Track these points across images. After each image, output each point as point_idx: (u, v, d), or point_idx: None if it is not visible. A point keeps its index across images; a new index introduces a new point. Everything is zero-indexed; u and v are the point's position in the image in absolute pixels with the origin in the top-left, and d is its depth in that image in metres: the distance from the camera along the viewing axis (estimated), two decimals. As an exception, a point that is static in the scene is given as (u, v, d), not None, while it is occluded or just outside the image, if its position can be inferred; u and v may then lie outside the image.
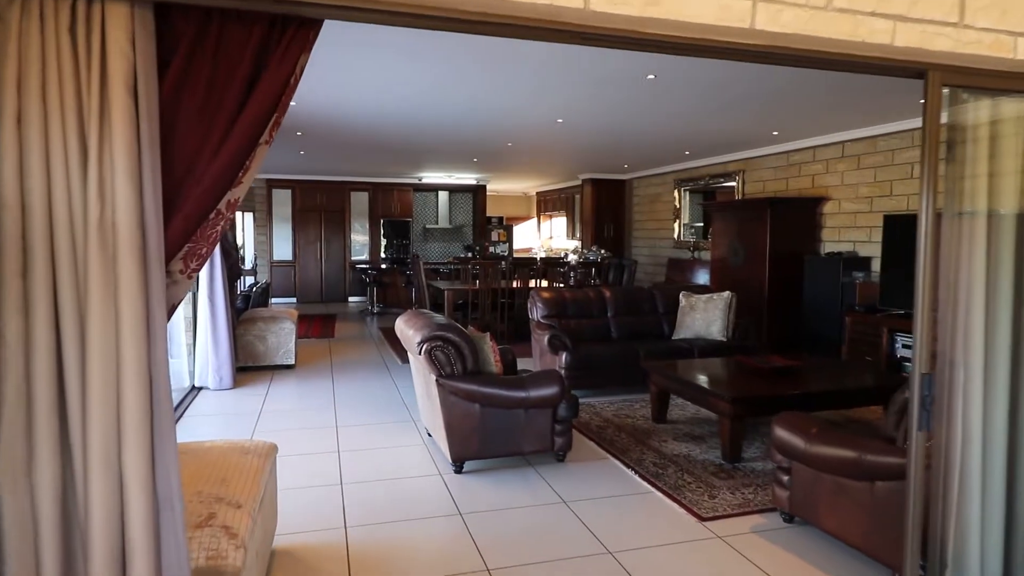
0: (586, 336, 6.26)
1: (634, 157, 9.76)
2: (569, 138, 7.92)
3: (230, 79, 1.49)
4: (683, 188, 10.51)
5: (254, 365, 6.76)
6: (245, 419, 5.13)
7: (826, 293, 7.05)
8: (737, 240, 8.00)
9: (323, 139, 8.11)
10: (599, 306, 6.51)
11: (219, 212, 1.55)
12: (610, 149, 8.87)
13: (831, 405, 4.54)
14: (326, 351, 7.97)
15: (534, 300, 6.37)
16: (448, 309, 8.23)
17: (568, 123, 6.81)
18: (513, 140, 8.12)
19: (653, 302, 6.71)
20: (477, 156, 9.77)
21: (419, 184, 13.75)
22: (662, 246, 11.12)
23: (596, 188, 12.31)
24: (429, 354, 3.80)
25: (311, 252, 13.32)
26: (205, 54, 1.47)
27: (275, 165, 11.48)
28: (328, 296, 13.41)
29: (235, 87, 1.50)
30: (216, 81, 1.49)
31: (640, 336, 6.44)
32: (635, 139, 7.94)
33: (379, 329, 9.74)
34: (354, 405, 5.54)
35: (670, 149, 8.77)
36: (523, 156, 9.81)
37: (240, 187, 1.58)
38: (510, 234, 15.09)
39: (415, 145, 8.62)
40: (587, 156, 9.80)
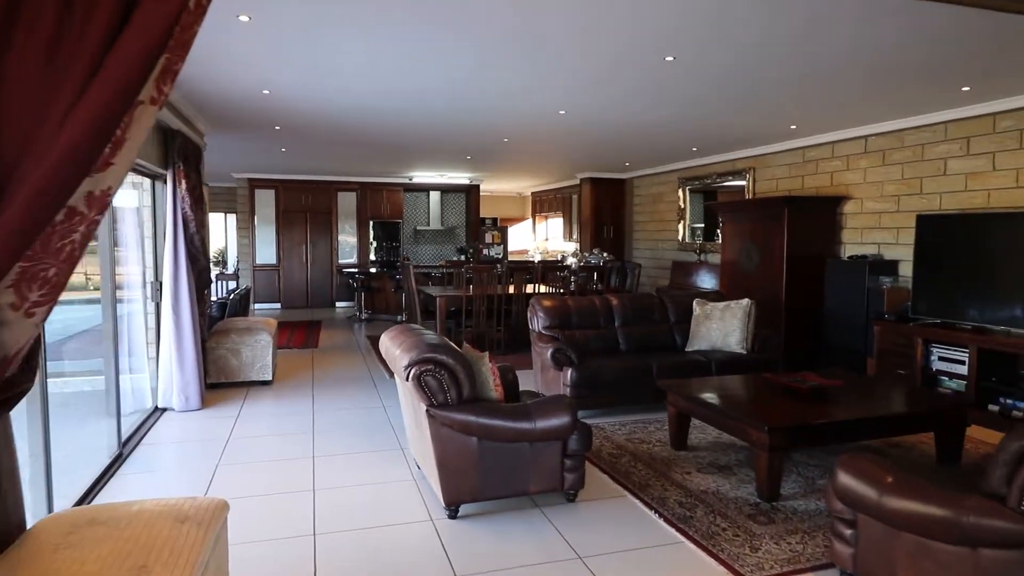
0: (592, 349, 5.70)
1: (637, 154, 9.21)
2: (570, 133, 7.36)
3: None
4: (687, 187, 9.96)
5: (227, 382, 6.15)
6: (209, 448, 4.52)
7: (850, 300, 6.51)
8: (750, 242, 7.45)
9: (304, 134, 7.51)
10: (606, 315, 5.95)
11: (74, 211, 0.98)
12: (613, 145, 8.31)
13: (879, 433, 4.00)
14: (308, 364, 7.36)
15: (535, 310, 5.80)
16: (440, 317, 7.65)
17: (571, 115, 6.24)
18: (510, 135, 7.55)
19: (664, 311, 6.15)
20: (471, 153, 9.20)
21: (410, 184, 13.16)
22: (665, 248, 10.58)
23: (595, 188, 11.76)
24: (418, 380, 3.22)
25: (296, 255, 12.70)
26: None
27: (257, 163, 10.86)
28: (314, 302, 12.79)
29: (100, 10, 0.93)
30: (65, 0, 0.91)
31: (651, 348, 5.88)
32: (641, 133, 7.38)
33: (367, 338, 9.14)
34: (335, 429, 4.94)
35: (677, 145, 8.22)
36: (519, 154, 9.24)
37: (109, 172, 1.00)
38: (504, 236, 14.51)
39: (404, 141, 8.03)
40: (587, 153, 9.24)
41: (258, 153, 9.41)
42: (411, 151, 9.06)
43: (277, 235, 12.58)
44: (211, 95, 5.40)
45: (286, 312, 12.10)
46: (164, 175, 5.28)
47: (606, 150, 8.82)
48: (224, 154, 9.41)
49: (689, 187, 9.93)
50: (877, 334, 5.96)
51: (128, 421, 4.93)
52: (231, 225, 15.04)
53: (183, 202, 5.23)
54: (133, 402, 5.38)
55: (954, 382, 5.35)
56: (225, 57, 4.34)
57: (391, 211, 13.16)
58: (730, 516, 3.41)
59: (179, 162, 5.17)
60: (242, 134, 7.56)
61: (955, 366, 5.33)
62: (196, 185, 5.57)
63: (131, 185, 5.42)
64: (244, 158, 10.07)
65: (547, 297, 5.96)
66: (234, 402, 5.68)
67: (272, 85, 5.11)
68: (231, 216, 14.86)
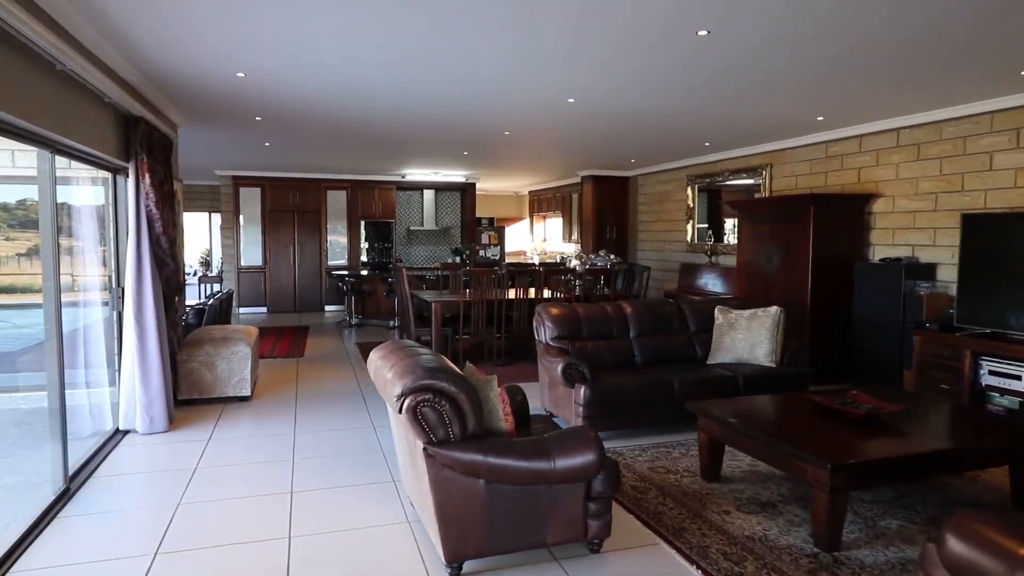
0: (605, 362, 5.14)
1: (645, 150, 8.66)
2: (576, 125, 6.80)
3: None
4: (697, 185, 9.43)
5: (200, 398, 5.56)
6: (173, 481, 3.93)
7: (883, 306, 5.98)
8: (771, 244, 6.92)
9: (288, 126, 6.92)
10: (620, 325, 5.39)
11: None
12: (620, 139, 7.76)
13: (952, 469, 3.46)
14: (292, 376, 6.77)
15: (542, 319, 5.23)
16: (436, 324, 7.07)
17: (580, 104, 5.69)
18: (512, 127, 6.98)
19: (683, 319, 5.60)
20: (468, 148, 8.62)
21: (403, 182, 12.58)
22: (672, 250, 10.04)
23: (597, 186, 11.20)
24: (414, 412, 2.65)
25: (283, 257, 12.10)
26: None
27: (241, 160, 10.25)
28: (302, 305, 12.19)
29: None
30: None
31: (669, 361, 5.33)
32: (653, 126, 6.83)
33: (357, 346, 8.55)
34: (318, 457, 4.36)
35: (690, 139, 7.67)
36: (520, 148, 8.68)
37: None
38: (502, 236, 13.95)
39: (397, 134, 7.45)
40: (591, 149, 8.69)
41: (241, 148, 8.81)
42: (404, 146, 8.48)
43: (263, 236, 11.97)
44: (179, 79, 4.81)
45: (272, 317, 11.49)
46: (126, 168, 4.68)
47: (612, 145, 8.27)
48: (205, 149, 8.80)
49: (698, 185, 9.40)
50: (917, 344, 5.42)
51: (83, 447, 4.33)
52: (215, 225, 14.42)
53: (147, 198, 4.63)
54: (92, 423, 4.78)
55: (1007, 399, 4.83)
56: (192, 37, 3.76)
57: (383, 210, 12.57)
58: (785, 571, 2.86)
59: (142, 153, 4.58)
60: (220, 127, 6.96)
61: (1009, 382, 4.80)
62: (164, 180, 4.98)
63: (90, 180, 4.82)
64: (227, 154, 9.46)
65: (555, 304, 5.39)
66: (207, 422, 5.09)
67: (247, 68, 4.53)
68: (215, 215, 14.24)
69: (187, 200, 13.73)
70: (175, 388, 5.45)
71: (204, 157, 9.84)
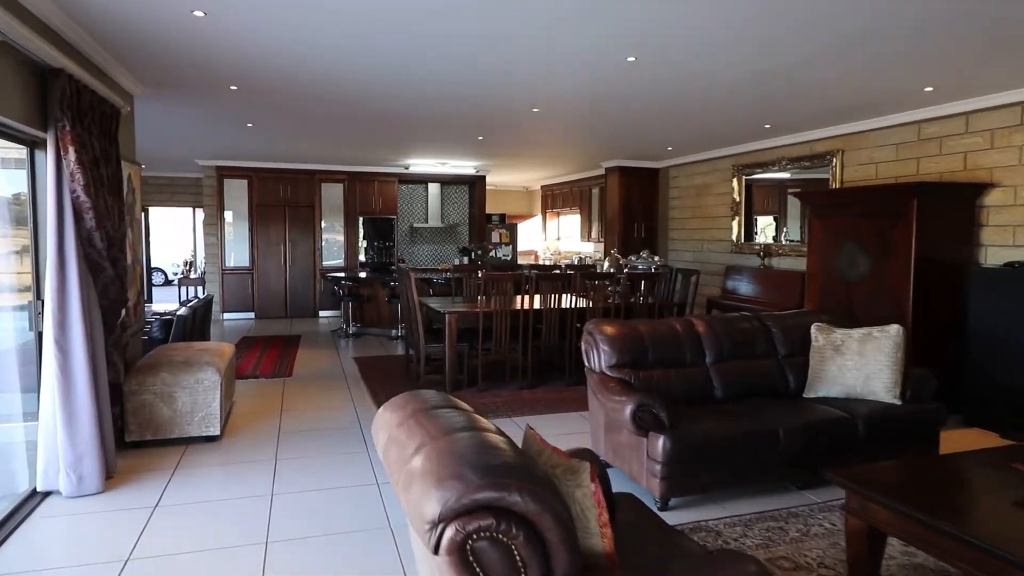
0: (677, 395, 3.96)
1: (687, 134, 7.47)
2: (618, 99, 5.62)
3: None
4: (744, 176, 8.24)
5: (155, 439, 4.36)
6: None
7: (1010, 323, 4.80)
8: (854, 244, 5.73)
9: (271, 99, 5.72)
10: (693, 348, 4.20)
11: None
12: (661, 120, 6.56)
13: None
14: (276, 402, 5.57)
15: (595, 341, 4.04)
16: (450, 339, 5.87)
17: (643, 63, 4.48)
18: (544, 102, 5.78)
19: (769, 339, 4.41)
20: (485, 131, 7.41)
21: (406, 174, 11.38)
22: (714, 250, 8.85)
23: (625, 178, 10.02)
24: (464, 553, 1.46)
25: (273, 257, 10.89)
26: None
27: (225, 148, 9.05)
28: (294, 310, 10.98)
29: None
30: None
31: (756, 394, 4.16)
32: (713, 98, 5.63)
33: (355, 361, 7.35)
34: (301, 539, 3.17)
35: (749, 119, 6.47)
36: (543, 132, 7.48)
37: None
38: (514, 235, 12.75)
39: (403, 112, 6.25)
40: (624, 134, 7.50)
41: (222, 132, 7.60)
42: (411, 128, 7.28)
43: (251, 233, 10.76)
44: (116, 17, 3.61)
45: (260, 324, 10.28)
46: (44, 140, 3.48)
47: (648, 129, 7.08)
48: (180, 132, 7.59)
49: (746, 176, 8.21)
50: (1070, 373, 4.25)
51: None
52: (198, 222, 13.21)
53: (72, 181, 3.43)
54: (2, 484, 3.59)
55: None
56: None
57: (384, 205, 11.37)
58: None
59: (63, 120, 3.37)
60: (190, 99, 5.75)
61: None
62: (102, 159, 3.78)
63: (2, 157, 3.62)
64: (207, 139, 8.25)
65: (610, 322, 4.19)
66: (158, 475, 3.89)
67: (224, 27, 3.34)
68: (198, 211, 13.04)
69: (169, 194, 12.53)
70: (122, 427, 4.26)
71: (182, 144, 8.64)
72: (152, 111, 6.18)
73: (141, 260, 5.14)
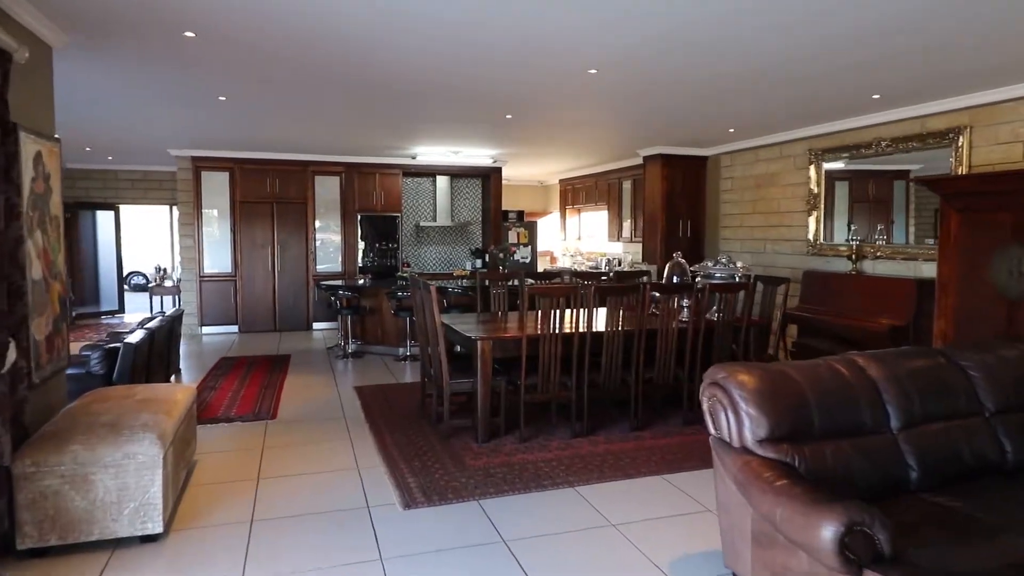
0: (858, 483, 2.56)
1: (762, 109, 6.07)
2: (713, 49, 4.21)
3: None
4: (823, 162, 6.84)
5: (64, 544, 2.93)
6: None
7: None
8: (1018, 247, 4.33)
9: (243, 57, 4.29)
10: (871, 403, 2.79)
11: None
12: (743, 88, 5.16)
13: None
14: (252, 462, 4.14)
15: (730, 398, 2.63)
16: (483, 372, 4.45)
17: (740, 8, 3.09)
18: (604, 62, 4.36)
19: (968, 386, 3.01)
20: (516, 107, 5.98)
21: (411, 165, 9.95)
22: (781, 252, 7.45)
23: (668, 168, 8.62)
24: None
25: (259, 261, 9.45)
26: None
27: (200, 134, 7.63)
28: (284, 322, 9.55)
29: None
30: None
31: (965, 476, 2.76)
32: (802, 63, 4.23)
33: (356, 391, 5.91)
34: None
35: (846, 88, 5.07)
36: (589, 106, 6.07)
37: None
38: (533, 234, 11.34)
39: (413, 71, 4.81)
40: (685, 109, 6.10)
41: (191, 111, 6.18)
42: (424, 100, 5.85)
43: (233, 234, 9.32)
44: None
45: (245, 339, 8.85)
46: None
47: (723, 101, 5.68)
48: (140, 112, 6.16)
49: (826, 162, 6.80)
50: None
51: None
52: (173, 221, 11.75)
53: None
54: None
55: None
56: None
57: (386, 201, 9.94)
58: None
59: None
60: (133, 54, 4.32)
61: None
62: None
63: None
64: (177, 123, 6.83)
65: (746, 368, 2.77)
66: (53, 621, 2.48)
67: None
68: (169, 208, 11.59)
69: (142, 190, 11.09)
70: (11, 528, 2.84)
71: (147, 128, 7.20)
72: (88, 75, 4.75)
73: (61, 273, 3.72)
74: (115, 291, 11.64)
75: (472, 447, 4.39)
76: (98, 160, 10.35)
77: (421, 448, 4.38)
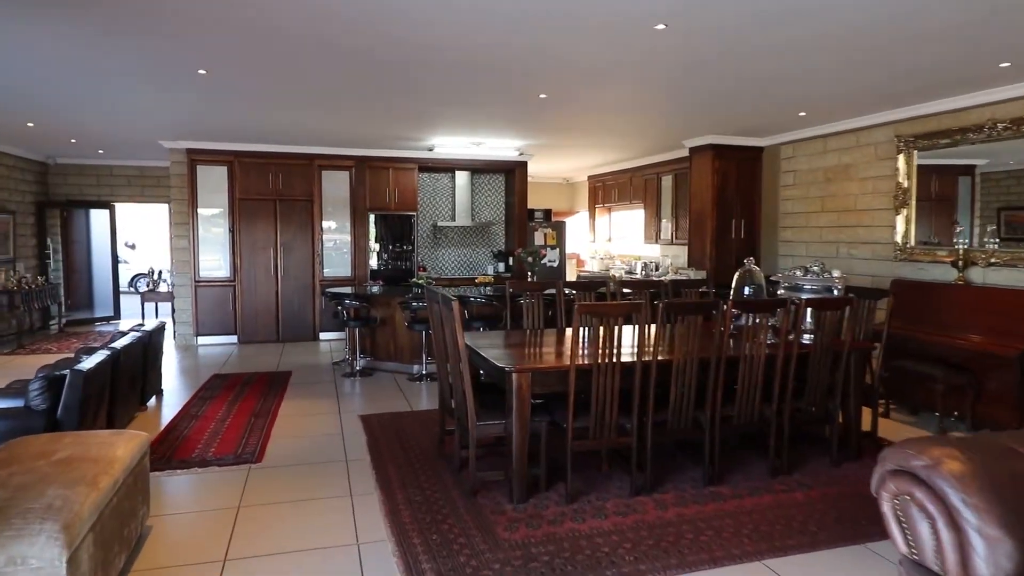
0: None
1: (843, 86, 5.04)
2: None
3: None
4: (915, 150, 5.79)
5: None
6: None
7: None
8: None
9: (216, 14, 3.35)
10: None
11: None
12: (829, 60, 4.14)
13: None
14: (223, 525, 3.19)
15: (946, 507, 1.63)
16: (519, 415, 3.46)
17: None
18: (677, 7, 3.37)
19: None
20: (553, 82, 5.00)
21: (427, 159, 9.01)
22: (861, 257, 6.39)
23: (720, 160, 7.59)
24: None
25: (260, 264, 8.56)
26: None
27: (194, 122, 6.75)
28: (288, 332, 8.65)
29: None
30: None
31: None
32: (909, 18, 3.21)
33: (361, 421, 4.95)
34: None
35: (966, 53, 4.04)
36: (638, 83, 5.08)
37: None
38: (561, 235, 10.35)
39: (436, 38, 3.85)
40: (752, 85, 5.09)
41: (172, 92, 5.27)
42: (447, 75, 4.89)
43: (232, 234, 8.44)
44: None
45: (245, 351, 7.95)
46: None
47: (796, 76, 4.66)
48: (112, 91, 5.26)
49: (920, 150, 5.74)
50: None
51: None
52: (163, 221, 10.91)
53: None
54: None
55: None
56: None
57: (400, 199, 9.00)
58: None
59: None
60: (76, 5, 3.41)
61: None
62: None
63: None
64: (160, 106, 5.93)
65: (963, 451, 1.76)
66: None
67: None
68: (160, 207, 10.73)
69: (138, 188, 10.26)
70: None
71: (131, 114, 6.32)
72: (27, 33, 3.85)
73: None
74: (110, 295, 10.82)
75: (506, 509, 3.41)
76: (89, 155, 9.53)
77: (440, 510, 3.41)
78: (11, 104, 5.87)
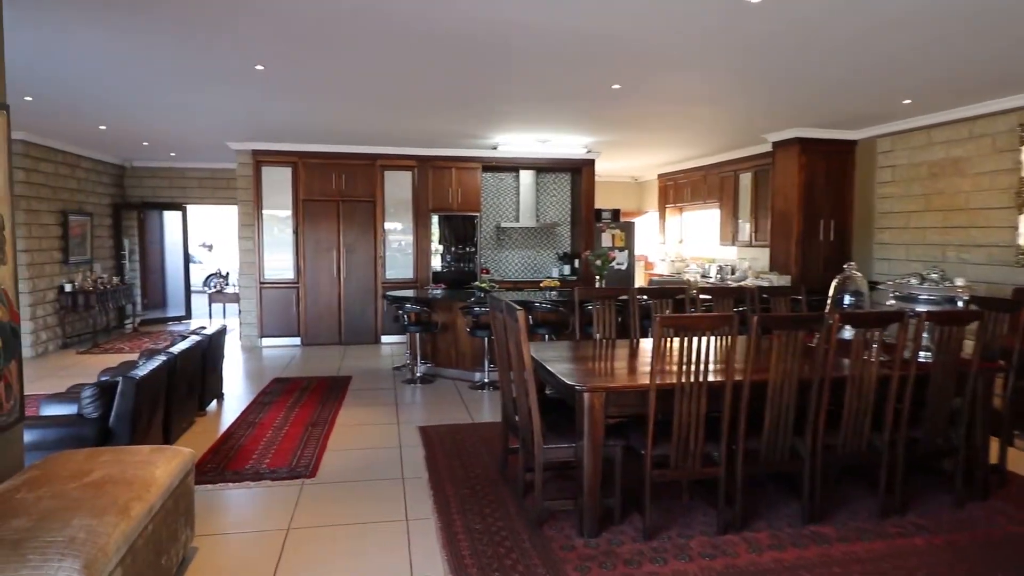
0: None
1: (961, 67, 4.42)
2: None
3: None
4: (1043, 142, 5.08)
5: None
6: None
7: None
8: None
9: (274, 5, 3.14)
10: None
11: None
12: (953, 33, 3.58)
13: None
14: (271, 549, 2.95)
15: None
16: (592, 438, 3.09)
17: None
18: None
19: None
20: (625, 74, 4.60)
21: (491, 158, 8.74)
22: (973, 261, 5.70)
23: (807, 155, 6.98)
24: None
25: (324, 266, 8.49)
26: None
27: (259, 123, 6.68)
28: (350, 335, 8.55)
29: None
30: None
31: None
32: None
33: (420, 434, 4.69)
34: None
35: None
36: (731, 63, 4.62)
37: None
38: (630, 236, 9.89)
39: (496, 29, 3.53)
40: (853, 69, 4.54)
41: (232, 89, 5.17)
42: (521, 65, 4.57)
43: (296, 236, 8.41)
44: None
45: (307, 353, 7.88)
46: None
47: (904, 58, 4.09)
48: (186, 99, 5.21)
49: (1049, 141, 5.05)
50: None
51: None
52: (232, 222, 11.05)
53: None
54: None
55: None
56: None
57: (463, 200, 8.76)
58: None
59: None
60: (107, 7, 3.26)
61: None
62: None
63: None
64: (221, 105, 5.86)
65: None
66: None
67: None
68: (229, 208, 10.86)
69: (210, 190, 10.42)
70: None
71: (198, 117, 6.31)
72: (77, 33, 3.75)
73: (6, 291, 2.67)
74: (182, 295, 11.06)
75: (576, 544, 3.05)
76: (162, 157, 9.73)
77: (503, 542, 3.08)
78: (82, 106, 5.92)
